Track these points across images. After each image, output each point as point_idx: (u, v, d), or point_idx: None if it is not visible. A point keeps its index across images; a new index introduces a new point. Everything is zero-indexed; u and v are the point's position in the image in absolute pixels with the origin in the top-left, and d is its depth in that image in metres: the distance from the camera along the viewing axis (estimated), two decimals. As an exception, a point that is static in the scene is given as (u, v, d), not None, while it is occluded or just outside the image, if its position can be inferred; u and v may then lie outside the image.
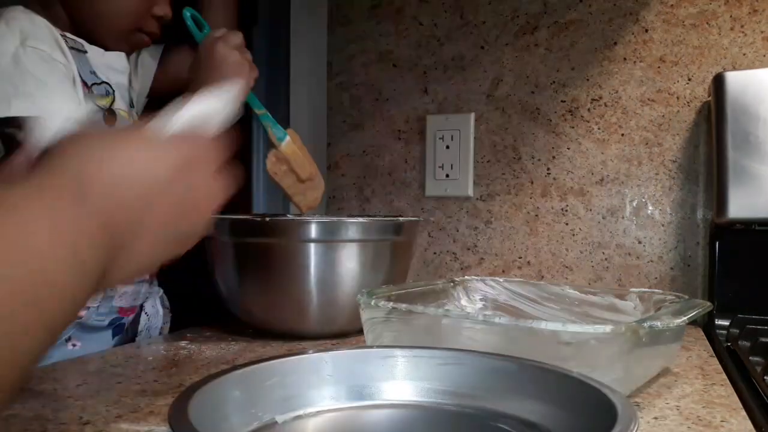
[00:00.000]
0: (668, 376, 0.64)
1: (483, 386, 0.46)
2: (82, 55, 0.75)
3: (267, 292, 0.76)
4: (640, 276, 1.04)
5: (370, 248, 0.77)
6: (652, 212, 1.04)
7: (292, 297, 0.75)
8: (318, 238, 0.73)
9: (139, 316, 0.86)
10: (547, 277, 1.10)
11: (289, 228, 0.74)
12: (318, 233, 0.73)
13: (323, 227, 0.74)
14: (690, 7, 1.02)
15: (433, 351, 0.49)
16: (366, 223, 0.77)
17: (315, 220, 0.75)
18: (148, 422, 0.48)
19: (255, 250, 0.76)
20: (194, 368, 0.65)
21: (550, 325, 0.52)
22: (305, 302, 0.75)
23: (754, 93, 0.88)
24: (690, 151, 1.02)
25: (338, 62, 1.27)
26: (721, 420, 0.51)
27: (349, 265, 0.75)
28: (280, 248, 0.74)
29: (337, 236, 0.74)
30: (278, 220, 0.77)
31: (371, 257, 0.77)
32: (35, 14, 0.71)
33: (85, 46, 0.77)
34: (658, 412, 0.53)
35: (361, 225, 0.76)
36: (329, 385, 0.47)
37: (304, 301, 0.75)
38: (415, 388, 0.48)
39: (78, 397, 0.54)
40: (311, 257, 0.73)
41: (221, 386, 0.41)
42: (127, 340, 0.84)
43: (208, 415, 0.38)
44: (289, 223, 0.76)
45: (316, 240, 0.73)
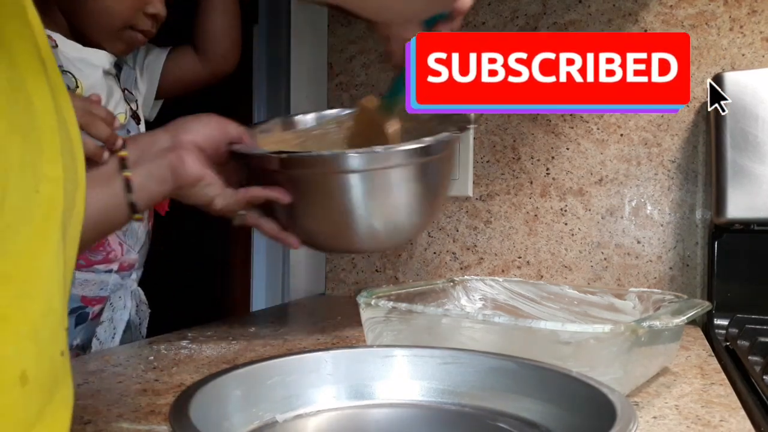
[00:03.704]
0: (667, 375, 0.64)
1: (482, 385, 0.46)
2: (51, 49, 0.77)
3: (328, 220, 0.73)
4: (639, 276, 1.04)
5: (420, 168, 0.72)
6: (651, 212, 1.05)
7: (353, 222, 0.71)
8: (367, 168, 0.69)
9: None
10: (547, 277, 1.10)
11: (340, 159, 0.69)
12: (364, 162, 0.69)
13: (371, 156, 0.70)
14: (689, 8, 1.02)
15: (433, 350, 0.49)
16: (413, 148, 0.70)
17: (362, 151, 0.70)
18: (148, 421, 0.49)
19: (313, 181, 0.71)
20: (195, 367, 0.65)
21: (549, 324, 0.52)
22: (365, 226, 0.71)
23: (753, 93, 0.88)
24: (689, 152, 1.02)
25: (338, 63, 1.27)
26: (720, 419, 0.51)
27: (401, 187, 0.72)
28: (337, 178, 0.70)
29: (385, 164, 0.70)
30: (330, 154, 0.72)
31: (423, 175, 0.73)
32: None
33: (58, 41, 0.78)
34: (657, 411, 0.53)
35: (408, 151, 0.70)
36: (329, 385, 0.47)
37: (364, 225, 0.71)
38: (415, 388, 0.48)
39: (79, 397, 0.54)
40: (365, 185, 0.70)
41: (222, 385, 0.41)
42: (92, 331, 0.83)
43: (208, 415, 0.38)
44: (341, 155, 0.71)
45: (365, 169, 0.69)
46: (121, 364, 0.66)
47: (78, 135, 0.31)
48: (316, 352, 0.48)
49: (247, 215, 0.69)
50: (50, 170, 0.27)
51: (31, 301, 0.25)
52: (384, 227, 0.72)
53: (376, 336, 0.63)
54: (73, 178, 0.29)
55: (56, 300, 0.27)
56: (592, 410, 0.38)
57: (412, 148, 0.68)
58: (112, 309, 0.86)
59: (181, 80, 0.94)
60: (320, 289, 1.27)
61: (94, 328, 0.84)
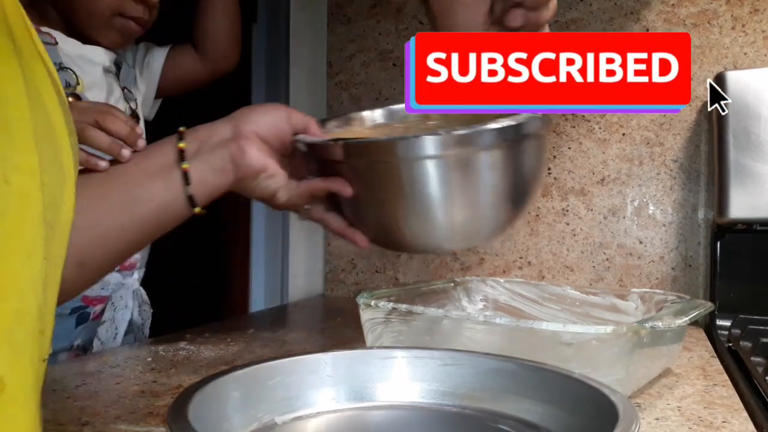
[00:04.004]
0: (669, 376, 0.64)
1: (484, 387, 0.46)
2: (50, 46, 0.77)
3: (404, 210, 0.63)
4: (642, 276, 1.04)
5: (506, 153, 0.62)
6: (654, 212, 1.04)
7: (429, 213, 0.62)
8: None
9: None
10: (548, 278, 1.09)
11: (411, 143, 0.60)
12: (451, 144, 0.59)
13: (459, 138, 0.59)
14: (691, 7, 1.01)
15: (433, 352, 0.49)
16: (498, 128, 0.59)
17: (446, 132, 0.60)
18: (147, 423, 0.48)
19: (386, 168, 0.62)
20: (193, 369, 0.64)
21: (551, 325, 0.52)
22: (441, 223, 0.62)
23: (756, 92, 0.88)
24: (691, 151, 1.02)
25: (338, 61, 1.26)
26: (723, 421, 0.51)
27: (486, 175, 0.61)
28: (408, 166, 0.60)
29: (468, 146, 0.59)
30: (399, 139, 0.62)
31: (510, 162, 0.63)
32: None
33: (58, 38, 0.78)
34: (659, 412, 0.53)
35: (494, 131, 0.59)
36: (329, 386, 0.46)
37: (439, 223, 0.62)
38: (415, 389, 0.47)
39: (77, 398, 0.54)
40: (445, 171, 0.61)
41: (220, 387, 0.41)
42: (94, 331, 0.83)
43: (207, 416, 0.38)
44: (412, 139, 0.61)
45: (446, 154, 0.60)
46: (119, 365, 0.66)
47: (64, 126, 0.29)
48: (316, 353, 0.48)
49: (312, 209, 0.64)
50: (22, 160, 0.25)
51: (2, 302, 0.24)
52: (463, 224, 0.62)
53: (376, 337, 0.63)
54: (55, 170, 0.27)
55: (30, 301, 0.25)
56: (594, 412, 0.38)
57: (504, 126, 0.57)
58: (114, 309, 0.85)
59: (181, 79, 0.94)
60: (319, 290, 1.26)
61: (95, 328, 0.83)
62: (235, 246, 1.57)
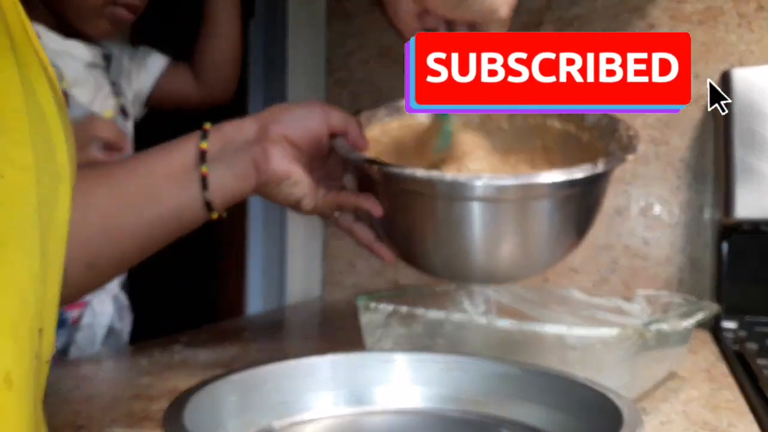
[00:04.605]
0: (675, 379, 0.63)
1: (486, 391, 0.45)
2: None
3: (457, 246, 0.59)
4: (647, 278, 1.03)
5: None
6: (660, 212, 1.03)
7: (467, 251, 0.58)
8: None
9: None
10: (552, 280, 1.08)
11: (458, 186, 0.56)
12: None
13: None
14: (696, 3, 1.00)
15: (434, 355, 0.48)
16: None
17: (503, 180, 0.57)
18: (142, 427, 0.48)
19: (425, 201, 0.59)
20: (189, 372, 0.64)
21: (554, 328, 0.51)
22: (483, 257, 0.59)
23: (762, 91, 0.87)
24: (698, 150, 1.01)
25: (337, 58, 1.25)
26: (728, 424, 0.50)
27: (535, 222, 0.58)
28: (449, 205, 0.57)
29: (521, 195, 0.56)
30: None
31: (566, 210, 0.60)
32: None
33: (40, 33, 0.76)
34: (664, 416, 0.52)
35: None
36: (327, 391, 0.46)
37: (481, 256, 0.58)
38: (416, 394, 0.47)
39: (71, 402, 0.53)
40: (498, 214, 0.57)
41: (217, 391, 0.40)
42: (71, 336, 0.82)
43: (203, 421, 0.37)
44: (459, 182, 0.57)
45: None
46: (114, 369, 0.65)
47: (60, 124, 0.29)
48: (314, 356, 0.47)
49: (340, 218, 0.61)
50: (17, 154, 0.24)
51: (5, 295, 0.24)
52: (501, 265, 0.59)
53: (376, 340, 0.62)
54: (50, 169, 0.27)
55: (29, 296, 0.25)
56: (598, 416, 0.37)
57: (561, 181, 0.53)
58: (93, 314, 0.84)
59: (170, 95, 0.94)
60: (318, 292, 1.25)
61: (73, 334, 0.82)
62: (232, 246, 1.56)
